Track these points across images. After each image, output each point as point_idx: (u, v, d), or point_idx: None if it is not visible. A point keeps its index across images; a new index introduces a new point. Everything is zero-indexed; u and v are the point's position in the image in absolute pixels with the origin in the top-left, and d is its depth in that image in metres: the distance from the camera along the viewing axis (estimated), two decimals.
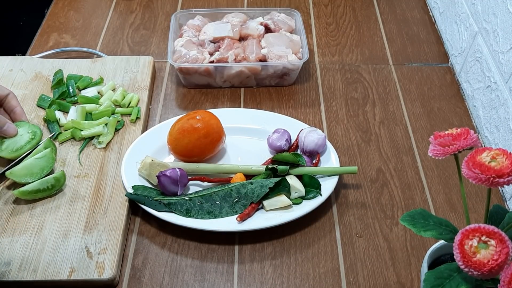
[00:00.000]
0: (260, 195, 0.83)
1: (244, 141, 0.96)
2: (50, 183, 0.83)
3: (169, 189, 0.84)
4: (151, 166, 0.85)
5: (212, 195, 0.84)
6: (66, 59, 1.10)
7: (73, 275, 0.75)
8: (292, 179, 0.85)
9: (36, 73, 1.06)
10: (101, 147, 0.92)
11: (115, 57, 1.10)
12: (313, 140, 0.90)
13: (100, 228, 0.81)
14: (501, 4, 0.94)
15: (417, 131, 1.00)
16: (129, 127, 0.97)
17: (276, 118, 0.98)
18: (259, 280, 0.78)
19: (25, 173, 0.84)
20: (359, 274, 0.79)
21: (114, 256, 0.77)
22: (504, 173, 0.55)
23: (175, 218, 0.81)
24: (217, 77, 1.06)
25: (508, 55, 0.91)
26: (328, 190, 0.85)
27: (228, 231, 0.81)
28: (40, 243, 0.79)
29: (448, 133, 0.61)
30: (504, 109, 0.92)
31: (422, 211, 0.64)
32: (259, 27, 1.12)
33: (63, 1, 1.29)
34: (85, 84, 1.03)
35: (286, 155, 0.88)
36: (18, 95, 1.00)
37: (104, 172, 0.89)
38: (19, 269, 0.75)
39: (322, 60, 1.15)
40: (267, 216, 0.83)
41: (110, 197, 0.85)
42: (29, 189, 0.82)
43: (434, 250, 0.70)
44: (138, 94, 1.02)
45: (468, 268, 0.53)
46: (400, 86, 1.10)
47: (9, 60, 1.08)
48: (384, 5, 1.31)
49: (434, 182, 0.92)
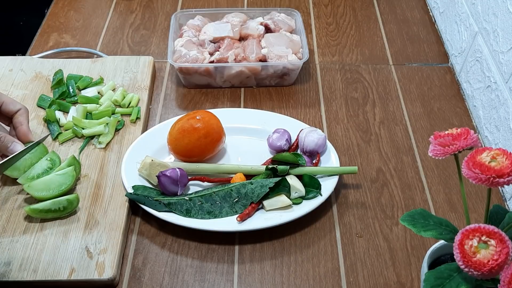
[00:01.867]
0: (260, 195, 0.83)
1: (244, 141, 0.95)
2: (63, 204, 0.81)
3: (169, 189, 0.84)
4: (151, 166, 0.85)
5: (212, 195, 0.84)
6: (66, 59, 1.10)
7: (73, 275, 0.75)
8: (292, 179, 0.85)
9: (36, 73, 1.06)
10: (101, 147, 0.92)
11: (115, 57, 1.10)
12: (313, 140, 0.90)
13: (100, 228, 0.81)
14: (501, 4, 0.94)
15: (417, 131, 1.00)
16: (129, 127, 0.97)
17: (276, 118, 0.98)
18: (259, 280, 0.78)
19: (43, 187, 0.82)
20: (359, 274, 0.79)
21: (114, 256, 0.77)
22: (504, 173, 0.55)
23: (175, 218, 0.81)
24: (217, 77, 1.06)
25: (508, 55, 0.91)
26: (328, 190, 0.85)
27: (228, 231, 0.81)
28: (40, 243, 0.79)
29: (448, 133, 0.61)
30: (504, 109, 0.92)
31: (422, 211, 0.64)
32: (259, 27, 1.12)
33: (63, 1, 1.29)
34: (85, 84, 1.03)
35: (286, 155, 0.88)
36: (18, 95, 1.00)
37: (104, 172, 0.89)
38: (19, 269, 0.75)
39: (322, 60, 1.15)
40: (267, 216, 0.83)
41: (110, 197, 0.85)
42: (40, 208, 0.80)
43: (434, 250, 0.70)
44: (138, 94, 1.02)
45: (468, 268, 0.53)
46: (400, 86, 1.10)
47: (9, 60, 1.08)
48: (384, 5, 1.31)
49: (434, 182, 0.92)
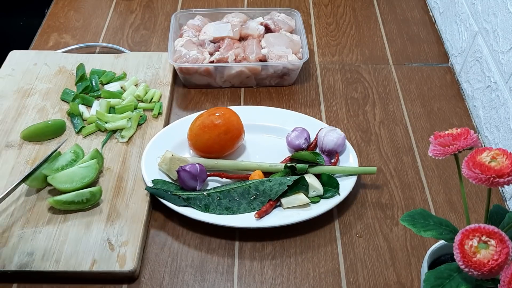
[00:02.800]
0: (279, 193, 0.83)
1: (263, 139, 0.96)
2: (86, 196, 0.82)
3: (188, 184, 0.84)
4: (171, 160, 0.86)
5: (231, 191, 0.84)
6: (90, 54, 1.12)
7: (94, 267, 0.76)
8: (311, 178, 0.85)
9: (60, 67, 1.08)
10: (123, 141, 0.94)
11: (137, 53, 1.12)
12: (332, 139, 0.90)
13: (122, 220, 0.82)
14: (501, 4, 0.94)
15: (417, 131, 1.00)
16: (151, 122, 0.98)
17: (295, 116, 0.98)
18: (259, 280, 0.78)
19: (66, 179, 0.83)
20: (359, 274, 0.79)
21: (135, 248, 0.78)
22: (504, 173, 0.55)
23: (194, 213, 0.82)
24: (217, 77, 1.06)
25: (508, 55, 0.91)
26: (347, 190, 0.85)
27: (246, 227, 0.82)
28: (63, 234, 0.80)
29: (448, 133, 0.61)
30: (504, 109, 0.92)
31: (422, 211, 0.64)
32: (259, 27, 1.12)
33: (63, 1, 1.29)
34: (108, 79, 1.05)
35: (305, 153, 0.88)
36: (42, 89, 1.04)
37: (126, 166, 0.90)
38: (42, 259, 0.76)
39: (322, 60, 1.16)
40: (285, 214, 0.83)
41: (132, 191, 0.86)
42: (64, 199, 0.81)
43: (434, 250, 0.70)
44: (160, 89, 1.03)
45: (468, 268, 0.53)
46: (400, 86, 1.10)
47: (33, 54, 1.10)
48: (384, 5, 1.31)
49: (434, 182, 0.92)
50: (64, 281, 0.77)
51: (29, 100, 1.00)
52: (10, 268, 0.75)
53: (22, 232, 0.80)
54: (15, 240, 0.78)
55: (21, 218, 0.81)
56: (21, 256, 0.76)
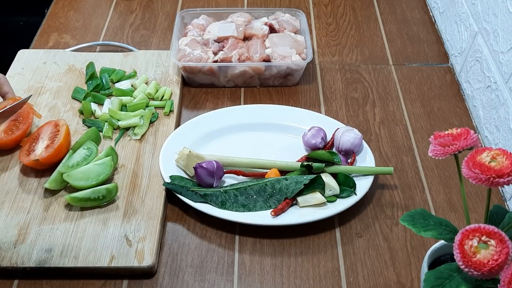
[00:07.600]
0: (295, 191, 0.83)
1: (280, 138, 0.96)
2: (102, 193, 0.83)
3: (205, 181, 0.85)
4: (189, 157, 0.87)
5: (247, 188, 0.84)
6: (99, 52, 1.13)
7: (113, 262, 0.76)
8: (327, 177, 0.85)
9: (70, 66, 1.08)
10: (136, 139, 0.94)
11: (146, 51, 1.12)
12: (349, 139, 0.90)
13: (139, 216, 0.82)
14: (501, 4, 0.94)
15: (417, 131, 1.00)
16: (163, 119, 0.99)
17: (311, 115, 0.98)
18: (259, 280, 0.78)
19: (81, 177, 0.84)
20: (359, 274, 0.79)
21: (153, 244, 0.79)
22: (504, 173, 0.55)
23: (211, 210, 0.82)
24: (220, 76, 1.06)
25: (508, 55, 0.91)
26: (363, 190, 0.85)
27: (263, 225, 0.82)
28: (80, 231, 0.80)
29: (448, 133, 0.61)
30: (504, 109, 0.92)
31: (422, 211, 0.64)
32: (263, 27, 1.12)
33: (63, 1, 1.30)
34: (119, 77, 1.06)
35: (322, 152, 0.88)
36: (52, 87, 1.04)
37: (140, 163, 0.90)
38: (60, 256, 0.77)
39: (322, 60, 1.15)
40: (301, 212, 0.83)
41: (147, 187, 0.87)
42: (80, 196, 0.82)
43: (434, 250, 0.70)
44: (170, 87, 1.04)
45: (468, 268, 0.53)
46: (400, 86, 1.10)
47: (42, 53, 1.11)
48: (384, 5, 1.31)
49: (434, 182, 0.92)
50: (83, 277, 0.77)
51: (40, 99, 1.01)
52: (29, 264, 0.76)
53: (39, 229, 0.80)
54: (33, 237, 0.79)
55: (38, 216, 0.82)
56: (40, 252, 0.77)
